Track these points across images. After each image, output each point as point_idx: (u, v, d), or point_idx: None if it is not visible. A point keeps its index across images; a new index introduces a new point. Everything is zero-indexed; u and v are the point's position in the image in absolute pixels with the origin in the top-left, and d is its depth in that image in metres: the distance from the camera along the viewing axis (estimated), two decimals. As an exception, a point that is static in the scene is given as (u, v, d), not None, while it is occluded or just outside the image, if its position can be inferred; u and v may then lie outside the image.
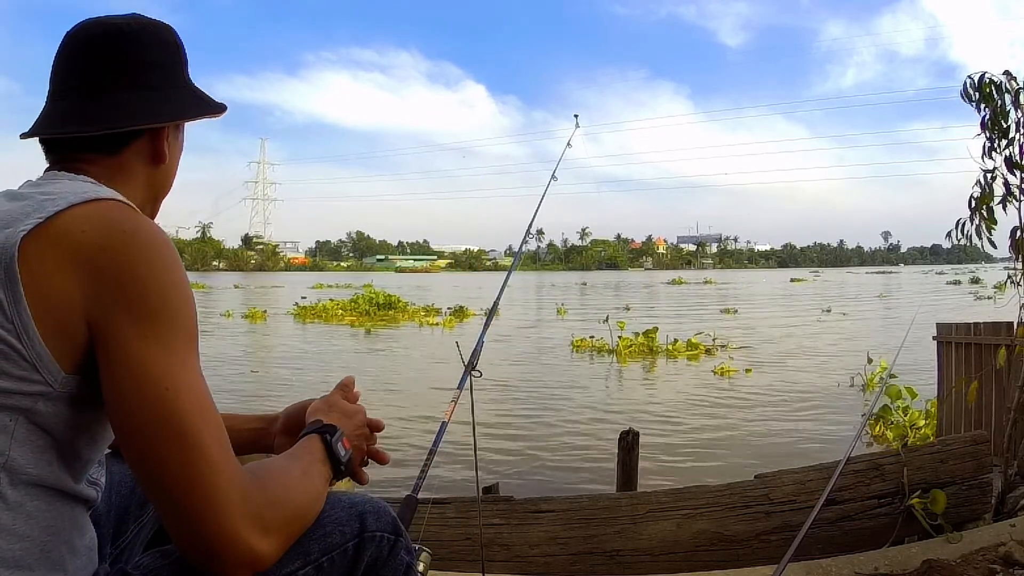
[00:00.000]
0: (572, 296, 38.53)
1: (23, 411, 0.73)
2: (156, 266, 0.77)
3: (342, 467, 0.92)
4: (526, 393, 9.27)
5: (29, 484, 0.74)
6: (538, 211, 2.41)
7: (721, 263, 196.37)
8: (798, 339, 15.66)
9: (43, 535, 0.75)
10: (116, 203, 0.80)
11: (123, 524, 1.06)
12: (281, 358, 13.21)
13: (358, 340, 17.08)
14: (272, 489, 0.79)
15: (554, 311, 24.66)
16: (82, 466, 0.82)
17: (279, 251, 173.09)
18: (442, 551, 2.28)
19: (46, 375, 0.73)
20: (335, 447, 0.91)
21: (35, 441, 0.75)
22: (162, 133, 0.94)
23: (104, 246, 0.75)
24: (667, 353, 13.18)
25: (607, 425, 7.15)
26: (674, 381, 10.51)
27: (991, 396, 4.41)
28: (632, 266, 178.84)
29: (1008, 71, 2.85)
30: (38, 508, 0.75)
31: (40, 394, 0.74)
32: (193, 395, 0.75)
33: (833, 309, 24.14)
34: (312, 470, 0.88)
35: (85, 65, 0.91)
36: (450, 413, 1.63)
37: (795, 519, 2.38)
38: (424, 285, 54.66)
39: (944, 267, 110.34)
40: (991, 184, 2.90)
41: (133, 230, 0.77)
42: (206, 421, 0.75)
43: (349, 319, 21.56)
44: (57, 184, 0.82)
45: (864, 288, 43.62)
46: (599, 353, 13.57)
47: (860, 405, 8.29)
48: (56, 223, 0.75)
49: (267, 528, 0.75)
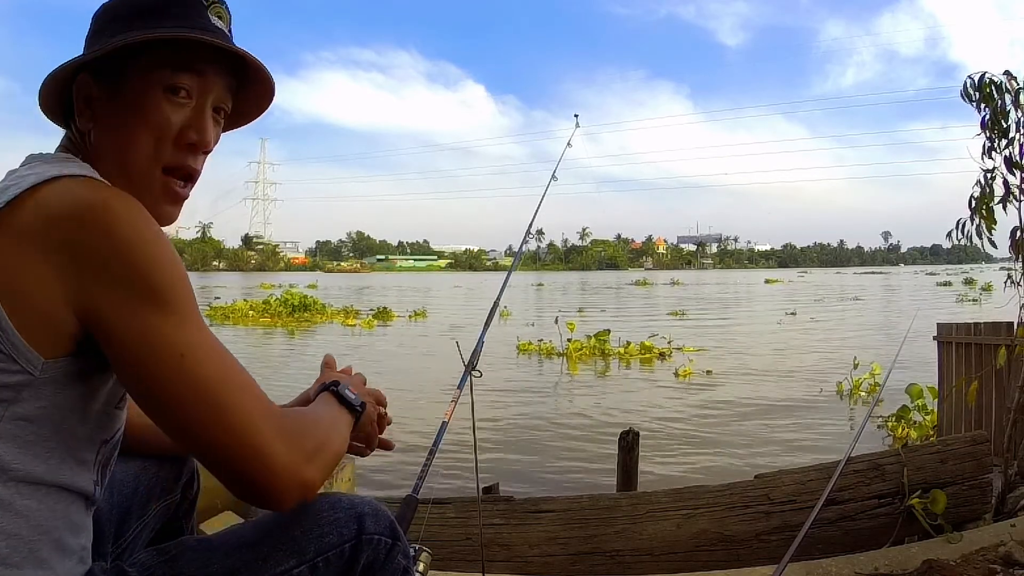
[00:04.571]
0: (528, 296, 37.66)
1: (6, 402, 0.71)
2: (135, 237, 0.73)
3: (357, 408, 0.96)
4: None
5: (17, 481, 0.72)
6: (538, 211, 2.41)
7: (721, 263, 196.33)
8: (754, 342, 15.27)
9: (31, 534, 0.73)
10: (81, 179, 0.75)
11: (125, 523, 1.06)
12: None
13: (271, 341, 16.65)
14: (304, 422, 0.83)
15: (498, 313, 22.92)
16: (78, 445, 0.79)
17: (279, 251, 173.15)
18: (442, 551, 2.28)
19: (24, 364, 0.71)
20: (343, 393, 0.96)
21: (22, 435, 0.72)
22: (78, 86, 0.83)
23: (75, 226, 0.71)
24: (619, 356, 12.71)
25: (570, 431, 7.15)
26: (635, 389, 9.89)
27: (991, 396, 4.41)
28: (632, 266, 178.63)
29: (1008, 71, 2.84)
30: (27, 507, 0.73)
31: (21, 384, 0.71)
32: (208, 353, 0.75)
33: (800, 312, 23.17)
34: (333, 411, 0.93)
35: (86, 40, 0.88)
36: (450, 413, 1.63)
37: (795, 519, 2.38)
38: (412, 286, 54.39)
39: (939, 267, 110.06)
40: (991, 184, 2.90)
41: (102, 205, 0.72)
42: (228, 374, 0.75)
43: (263, 321, 21.05)
44: (26, 168, 0.78)
45: (846, 290, 42.71)
46: (547, 357, 12.91)
47: (835, 407, 8.25)
48: (17, 209, 0.71)
49: (308, 456, 0.79)
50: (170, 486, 1.14)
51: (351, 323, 20.71)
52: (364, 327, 19.47)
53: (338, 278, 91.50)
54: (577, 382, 10.78)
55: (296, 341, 16.87)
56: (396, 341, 16.42)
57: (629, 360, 12.52)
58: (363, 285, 57.16)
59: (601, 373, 11.53)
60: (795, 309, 24.14)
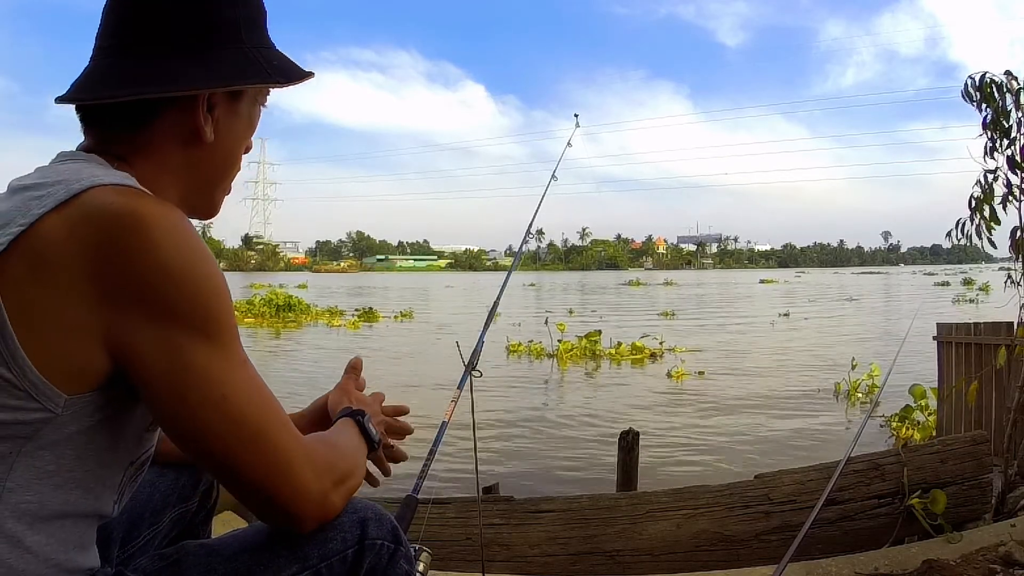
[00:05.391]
0: (520, 296, 37.38)
1: (23, 439, 0.67)
2: (172, 258, 0.66)
3: (375, 444, 0.99)
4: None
5: (31, 516, 0.68)
6: (538, 211, 2.40)
7: (721, 263, 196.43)
8: (746, 343, 15.22)
9: (40, 568, 0.69)
10: (112, 190, 0.67)
11: (136, 529, 1.04)
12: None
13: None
14: (333, 453, 0.85)
15: (485, 314, 22.03)
16: (109, 472, 0.75)
17: (279, 251, 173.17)
18: (442, 551, 2.28)
19: (45, 402, 0.66)
20: (367, 426, 0.98)
21: (41, 466, 0.68)
22: (196, 104, 0.78)
23: (102, 248, 0.64)
24: (610, 357, 12.62)
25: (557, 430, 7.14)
26: (629, 390, 9.82)
27: (991, 396, 4.41)
28: (632, 266, 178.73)
29: (1009, 71, 2.84)
30: (37, 543, 0.69)
31: (41, 421, 0.67)
32: (251, 394, 0.73)
33: (794, 313, 22.82)
34: (356, 441, 0.95)
35: (120, 17, 0.79)
36: (450, 413, 1.62)
37: (795, 519, 2.38)
38: (404, 286, 54.25)
39: (938, 267, 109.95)
40: (992, 184, 2.90)
41: (133, 221, 0.65)
42: (269, 416, 0.74)
43: (247, 321, 20.60)
44: (55, 171, 0.71)
45: (842, 290, 42.45)
46: (537, 358, 12.78)
47: (834, 408, 8.24)
48: (39, 232, 0.64)
49: (335, 484, 0.81)
50: (187, 493, 1.12)
51: (336, 323, 20.66)
52: (349, 328, 19.42)
53: (329, 278, 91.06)
54: (570, 383, 10.74)
55: (279, 342, 16.70)
56: (382, 342, 16.37)
57: (620, 361, 12.48)
58: (355, 285, 57.02)
59: (593, 374, 11.50)
60: (788, 310, 23.96)
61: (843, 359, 9.94)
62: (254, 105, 0.87)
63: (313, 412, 1.16)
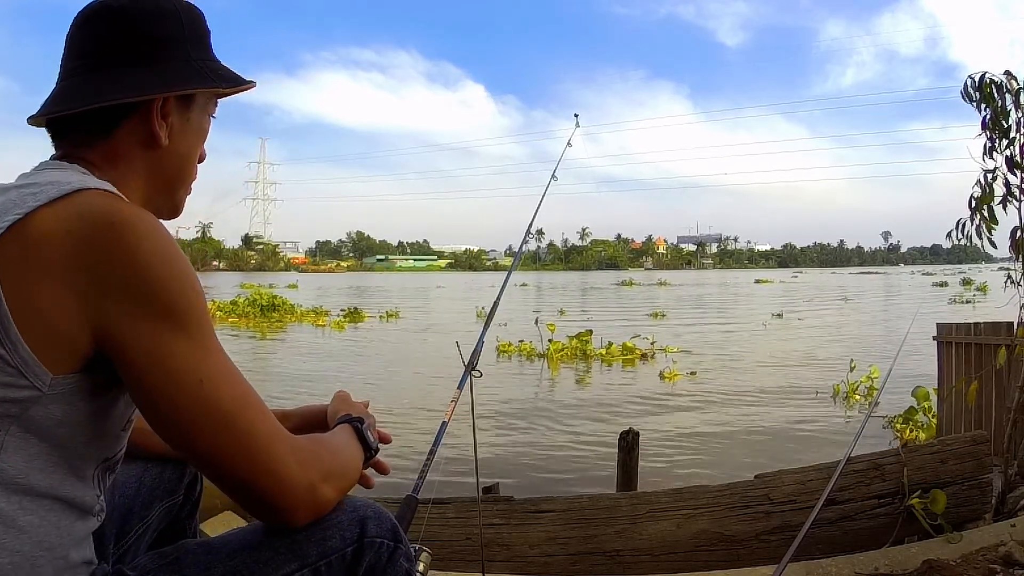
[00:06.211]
0: (513, 297, 37.06)
1: (13, 418, 0.71)
2: (154, 257, 0.73)
3: (372, 451, 1.00)
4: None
5: (21, 494, 0.72)
6: (538, 211, 2.40)
7: (721, 263, 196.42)
8: (736, 344, 15.18)
9: (34, 550, 0.73)
10: (100, 194, 0.75)
11: (127, 524, 1.06)
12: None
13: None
14: (321, 447, 0.87)
15: (474, 314, 21.13)
16: (84, 464, 0.79)
17: (279, 251, 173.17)
18: (442, 551, 2.28)
19: (33, 379, 0.71)
20: (366, 434, 0.99)
21: (27, 448, 0.72)
22: (151, 111, 0.86)
23: (93, 244, 0.71)
24: (601, 357, 12.57)
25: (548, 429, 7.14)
26: (623, 390, 9.82)
27: (991, 396, 4.41)
28: (632, 266, 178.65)
29: (1008, 71, 2.84)
30: (30, 523, 0.72)
31: (29, 399, 0.71)
32: (227, 379, 0.77)
33: (787, 314, 22.67)
34: (353, 444, 0.96)
35: (81, 43, 0.87)
36: (450, 413, 1.62)
37: (795, 519, 2.38)
38: (397, 286, 54.27)
39: (937, 267, 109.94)
40: (991, 184, 2.90)
41: (121, 222, 0.72)
42: (246, 401, 0.77)
43: (231, 321, 20.76)
44: (43, 175, 0.78)
45: (839, 290, 42.40)
46: (527, 358, 12.80)
47: (832, 408, 8.24)
48: (35, 222, 0.71)
49: (324, 476, 0.82)
50: (173, 487, 1.14)
51: (321, 323, 20.62)
52: (335, 328, 19.35)
53: (322, 278, 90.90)
54: (564, 384, 10.74)
55: (264, 343, 16.64)
56: (365, 343, 16.34)
57: (611, 361, 12.43)
58: (346, 285, 56.96)
59: (586, 374, 11.48)
60: (782, 310, 23.79)
61: (836, 360, 9.94)
62: (204, 115, 0.95)
63: (303, 415, 1.15)
